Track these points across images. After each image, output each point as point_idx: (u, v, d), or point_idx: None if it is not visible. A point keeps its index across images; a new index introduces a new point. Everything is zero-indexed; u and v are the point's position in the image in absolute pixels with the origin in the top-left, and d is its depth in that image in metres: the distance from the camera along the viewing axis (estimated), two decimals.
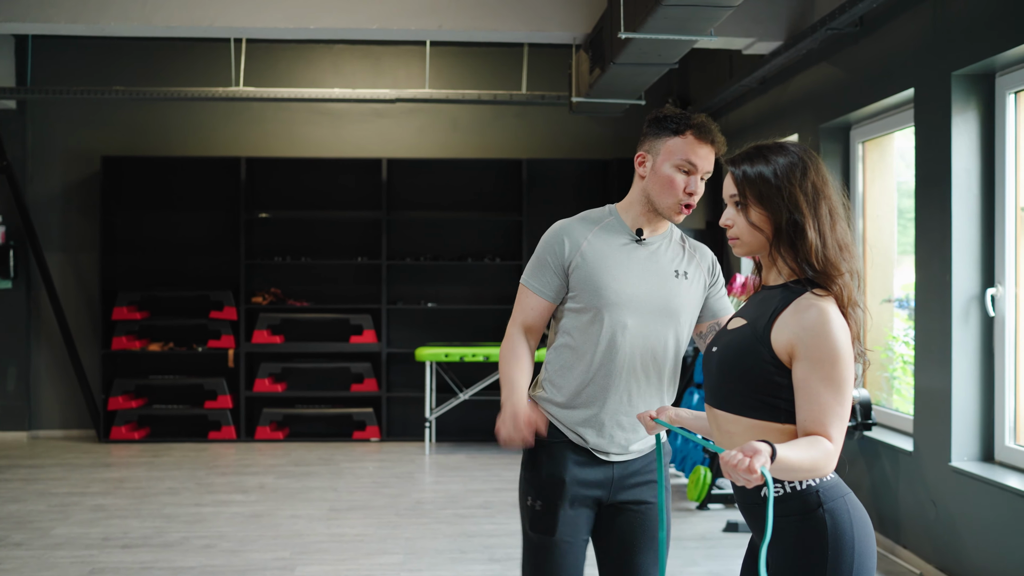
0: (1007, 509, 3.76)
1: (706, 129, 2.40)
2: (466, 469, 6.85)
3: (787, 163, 1.96)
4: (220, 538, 4.99)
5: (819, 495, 1.86)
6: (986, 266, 4.11)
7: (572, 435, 2.45)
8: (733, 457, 1.68)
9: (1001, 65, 4.00)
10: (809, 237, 1.92)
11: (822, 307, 1.87)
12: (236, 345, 7.84)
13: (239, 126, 8.14)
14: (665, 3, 3.70)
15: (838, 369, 1.84)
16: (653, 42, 4.35)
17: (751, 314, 1.97)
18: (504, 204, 8.25)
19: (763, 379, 1.88)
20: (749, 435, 1.89)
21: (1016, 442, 4.03)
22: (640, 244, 2.47)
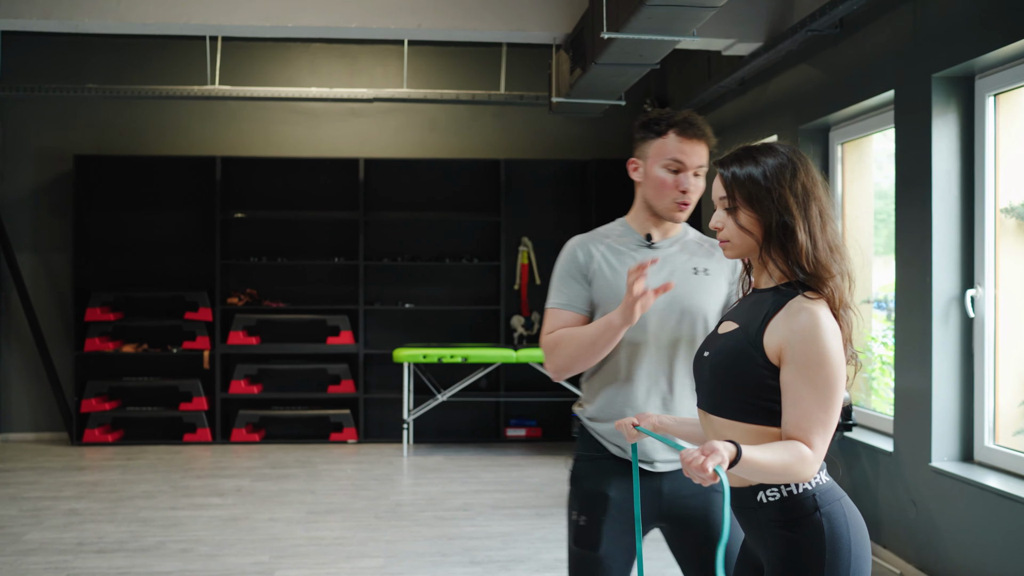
0: (986, 508, 3.78)
1: (688, 124, 2.39)
2: (444, 471, 6.81)
3: (776, 164, 1.94)
4: (197, 542, 4.92)
5: (816, 499, 1.85)
6: (966, 267, 4.14)
7: (613, 448, 2.39)
8: (689, 455, 1.67)
9: (980, 68, 4.02)
10: (800, 239, 1.90)
11: (813, 311, 1.85)
12: (211, 346, 7.76)
13: (214, 125, 8.06)
14: (649, 3, 3.68)
15: (824, 374, 1.82)
16: (635, 42, 4.34)
17: (743, 318, 1.96)
18: (482, 204, 8.22)
19: (757, 383, 1.87)
20: (745, 439, 1.87)
21: (995, 442, 4.06)
22: (652, 248, 2.46)
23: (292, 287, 8.09)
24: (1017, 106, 4.05)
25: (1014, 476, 3.86)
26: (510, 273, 8.20)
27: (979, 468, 4.03)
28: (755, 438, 1.87)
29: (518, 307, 8.22)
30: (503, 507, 5.70)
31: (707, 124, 2.43)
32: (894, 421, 4.48)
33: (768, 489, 1.87)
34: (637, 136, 2.46)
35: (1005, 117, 4.05)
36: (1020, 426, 4.04)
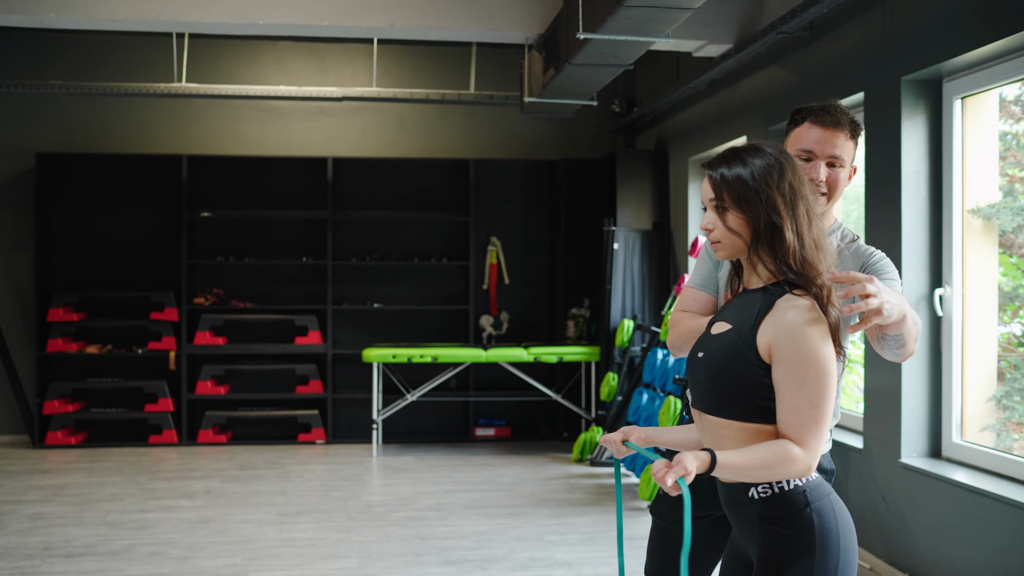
0: (954, 503, 3.85)
1: (822, 112, 2.33)
2: (415, 471, 6.80)
3: (764, 165, 1.97)
4: (168, 545, 4.87)
5: (806, 495, 1.88)
6: (934, 267, 4.21)
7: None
8: (655, 467, 1.77)
9: (948, 71, 4.09)
10: (787, 238, 1.93)
11: (801, 308, 1.88)
12: (177, 347, 7.68)
13: (180, 123, 7.97)
14: (626, 4, 3.70)
15: (813, 371, 1.84)
16: (611, 43, 4.35)
17: (735, 318, 1.98)
18: (451, 204, 8.21)
19: (752, 382, 1.89)
20: (741, 439, 1.90)
21: (963, 438, 4.13)
22: None
23: (260, 287, 8.02)
24: (983, 109, 4.13)
25: (981, 471, 3.93)
26: (479, 273, 8.20)
27: (947, 464, 4.10)
28: (750, 436, 1.90)
29: (487, 307, 8.22)
30: (475, 507, 5.70)
31: (848, 113, 2.35)
32: (864, 418, 4.55)
33: (759, 485, 1.90)
34: (785, 130, 2.45)
35: (972, 120, 4.13)
36: (987, 422, 4.12)
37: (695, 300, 2.44)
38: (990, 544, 3.62)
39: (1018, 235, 4.28)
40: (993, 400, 4.12)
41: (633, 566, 4.56)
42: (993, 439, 4.08)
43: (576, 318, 7.99)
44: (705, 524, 2.40)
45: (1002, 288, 4.24)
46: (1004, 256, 4.28)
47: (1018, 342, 4.37)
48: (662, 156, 7.46)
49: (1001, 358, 4.22)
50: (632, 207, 7.44)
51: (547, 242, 8.33)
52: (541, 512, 5.57)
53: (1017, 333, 4.36)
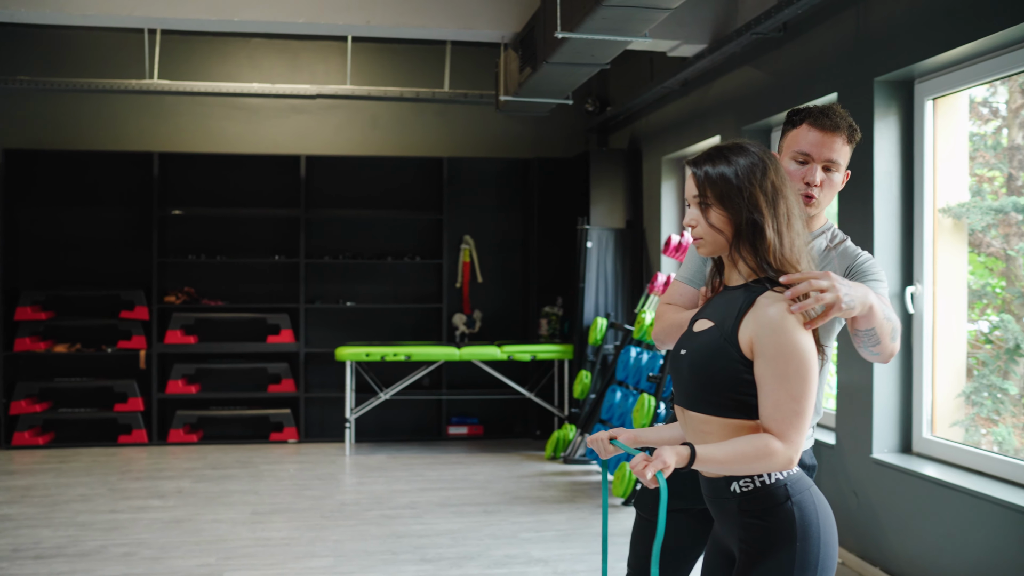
0: (924, 497, 3.91)
1: (821, 115, 2.31)
2: (388, 469, 6.78)
3: (748, 163, 1.99)
4: (140, 545, 4.83)
5: (787, 488, 1.90)
6: (906, 265, 4.27)
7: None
8: (634, 462, 1.81)
9: (920, 73, 4.15)
10: (768, 236, 1.95)
11: (781, 305, 1.90)
12: (148, 346, 7.61)
13: (151, 120, 7.90)
14: (605, 4, 3.72)
15: (794, 366, 1.87)
16: (588, 42, 4.37)
17: (717, 315, 2.00)
18: (424, 202, 8.20)
19: (735, 379, 1.91)
20: (724, 434, 1.92)
21: (933, 434, 4.20)
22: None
23: (231, 285, 7.97)
24: (954, 110, 4.20)
25: (950, 466, 4.00)
26: (452, 271, 8.20)
27: (918, 459, 4.16)
28: (733, 432, 1.92)
29: (460, 305, 8.22)
30: (450, 505, 5.70)
31: (848, 117, 2.34)
32: (836, 415, 4.60)
33: (741, 480, 1.92)
34: (782, 132, 2.44)
35: (942, 120, 4.19)
36: (956, 418, 4.19)
37: (681, 294, 2.46)
38: (959, 537, 3.68)
39: (986, 234, 4.35)
40: (962, 396, 4.19)
41: (598, 562, 4.58)
42: (962, 434, 4.15)
43: (549, 316, 8.02)
44: (687, 517, 2.43)
45: (971, 286, 4.31)
46: (972, 255, 4.35)
47: (985, 339, 4.45)
48: (635, 155, 7.50)
49: (969, 355, 4.29)
50: (605, 206, 7.47)
51: (520, 241, 8.35)
52: (516, 510, 5.58)
53: (984, 331, 4.43)
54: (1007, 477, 3.71)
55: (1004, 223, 4.23)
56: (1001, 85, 4.22)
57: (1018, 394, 4.07)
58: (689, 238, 6.13)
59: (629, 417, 6.05)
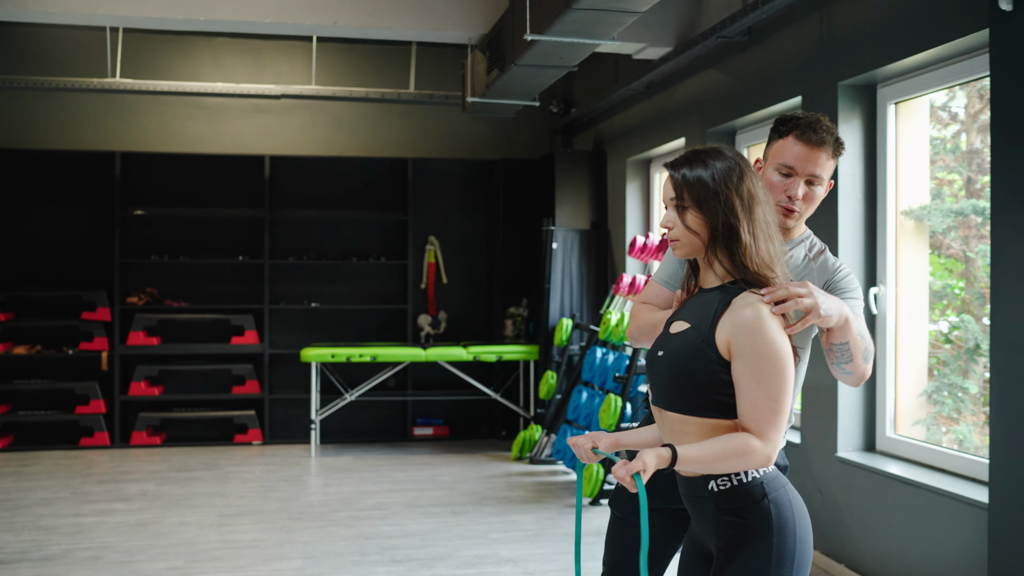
0: (887, 494, 3.99)
1: (808, 129, 2.30)
2: (355, 471, 6.77)
3: (724, 168, 2.02)
4: (106, 549, 4.78)
5: (763, 486, 1.94)
6: (869, 266, 4.35)
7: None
8: (617, 468, 1.85)
9: (882, 77, 4.23)
10: (744, 239, 1.99)
11: (757, 306, 1.94)
12: (110, 347, 7.52)
13: (113, 119, 7.81)
14: (575, 7, 3.75)
15: (771, 366, 1.91)
16: (557, 45, 4.40)
17: (693, 316, 2.03)
18: (389, 203, 8.19)
19: (712, 379, 1.94)
20: (702, 433, 1.96)
21: (896, 432, 4.28)
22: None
23: (195, 286, 7.90)
24: (915, 114, 4.29)
25: (913, 463, 4.08)
26: (417, 272, 8.19)
27: (881, 457, 4.24)
28: (711, 431, 1.95)
29: (425, 306, 8.22)
30: (417, 506, 5.70)
31: (834, 131, 2.33)
32: (801, 415, 4.67)
33: (718, 478, 1.95)
34: (768, 139, 2.42)
35: (905, 124, 4.28)
36: (918, 416, 4.28)
37: (657, 295, 2.47)
38: (922, 532, 3.76)
39: (946, 236, 4.45)
40: (924, 395, 4.27)
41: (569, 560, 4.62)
42: (924, 433, 4.23)
43: (514, 317, 8.04)
44: (663, 516, 2.46)
45: (932, 287, 4.40)
46: (933, 256, 4.44)
47: (945, 339, 4.54)
48: (600, 156, 7.55)
49: (930, 355, 4.38)
50: (571, 207, 7.51)
51: (485, 241, 8.36)
52: (484, 510, 5.60)
53: (944, 331, 4.53)
54: (968, 474, 3.79)
55: (964, 225, 4.33)
56: (960, 90, 4.32)
57: (978, 393, 4.16)
58: (655, 239, 6.18)
59: (596, 417, 6.09)
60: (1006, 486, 3.21)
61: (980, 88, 4.40)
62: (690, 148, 2.10)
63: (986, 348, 4.18)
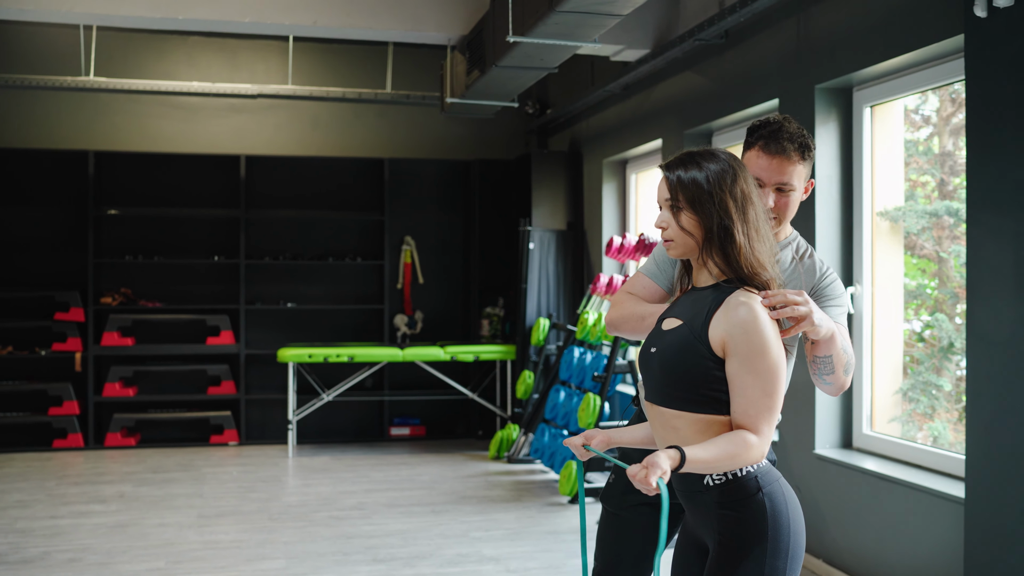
0: (864, 490, 4.07)
1: (771, 140, 2.34)
2: (333, 471, 6.76)
3: (719, 169, 2.06)
4: (85, 551, 4.75)
5: (758, 480, 1.99)
6: (846, 266, 4.42)
7: None
8: (634, 471, 1.85)
9: (858, 81, 4.31)
10: (738, 241, 2.03)
11: (751, 305, 1.99)
12: (83, 348, 7.46)
13: (86, 118, 7.74)
14: (558, 10, 3.79)
15: (766, 363, 1.96)
16: (538, 47, 4.44)
17: (686, 314, 2.07)
18: (365, 203, 8.19)
19: (704, 375, 1.99)
20: (694, 429, 2.00)
21: (872, 429, 4.36)
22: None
23: (170, 286, 7.85)
24: (890, 117, 4.37)
25: (889, 460, 4.16)
26: (393, 272, 8.20)
27: (858, 453, 4.32)
28: (703, 426, 1.99)
29: (401, 306, 8.23)
30: (397, 505, 5.72)
31: (797, 137, 2.34)
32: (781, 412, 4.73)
33: (715, 473, 2.00)
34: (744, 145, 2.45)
35: (880, 127, 4.36)
36: (894, 413, 4.36)
37: (644, 287, 2.49)
38: (899, 528, 3.84)
39: (920, 237, 4.54)
40: (899, 393, 4.36)
41: (558, 559, 4.66)
42: (900, 429, 4.32)
43: (490, 317, 8.07)
44: (649, 509, 2.50)
45: (906, 287, 4.49)
46: (907, 257, 4.53)
47: (919, 337, 4.63)
48: (576, 157, 7.60)
49: (904, 353, 4.46)
50: (547, 207, 7.55)
51: (461, 242, 8.38)
52: (464, 509, 5.62)
53: (916, 330, 4.62)
54: (943, 470, 3.87)
55: (938, 226, 4.42)
56: (932, 94, 4.40)
57: (952, 390, 4.25)
58: (632, 240, 6.24)
59: (574, 416, 6.13)
60: (982, 481, 3.29)
61: (952, 92, 4.49)
62: (684, 150, 2.14)
63: (960, 347, 4.28)
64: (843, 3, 4.17)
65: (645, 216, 6.95)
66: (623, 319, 2.43)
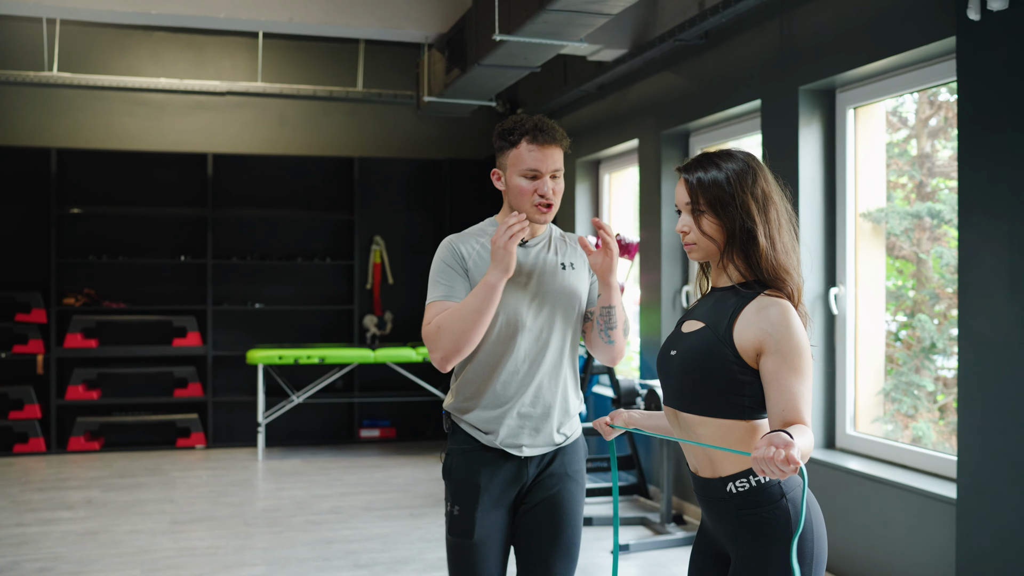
0: (848, 490, 4.08)
1: (538, 132, 2.45)
2: (305, 474, 6.67)
3: (738, 169, 2.03)
4: (56, 559, 4.62)
5: (781, 486, 1.95)
6: (829, 267, 4.44)
7: (484, 437, 2.48)
8: (768, 451, 1.69)
9: (842, 83, 4.33)
10: (760, 243, 1.99)
11: (783, 304, 1.96)
12: (45, 350, 7.27)
13: (49, 114, 7.55)
14: (549, 8, 3.75)
15: (803, 360, 1.93)
16: (523, 45, 4.39)
17: (708, 316, 2.03)
18: (335, 203, 8.09)
19: (728, 379, 1.95)
20: (717, 435, 1.96)
21: (855, 429, 4.38)
22: (524, 247, 2.51)
23: (134, 287, 7.69)
24: (873, 119, 4.39)
25: (872, 459, 4.18)
26: (363, 272, 8.11)
27: (841, 454, 4.34)
28: (725, 432, 1.96)
29: (371, 307, 8.14)
30: (374, 509, 5.65)
31: (557, 127, 2.49)
32: None
33: (738, 480, 1.96)
34: (496, 147, 2.52)
35: (863, 129, 4.38)
36: (877, 414, 4.38)
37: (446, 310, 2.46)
38: (884, 527, 3.86)
39: (901, 238, 4.57)
40: (882, 393, 4.38)
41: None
42: (883, 429, 4.34)
43: None
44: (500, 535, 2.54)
45: (888, 288, 4.52)
46: (887, 258, 4.56)
47: (895, 337, 4.67)
48: None
49: (886, 354, 4.49)
50: None
51: (431, 242, 8.31)
52: (442, 512, 5.57)
53: (893, 330, 4.66)
54: (926, 469, 3.90)
55: (919, 227, 4.45)
56: (909, 96, 4.44)
57: (934, 391, 4.29)
58: None
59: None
60: (974, 481, 3.31)
61: (931, 94, 4.54)
62: (700, 153, 2.11)
63: (941, 347, 4.31)
64: (828, 5, 4.19)
65: (619, 216, 6.95)
66: (457, 335, 2.37)
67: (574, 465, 2.54)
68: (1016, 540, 3.15)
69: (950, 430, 4.33)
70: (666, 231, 5.70)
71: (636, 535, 5.03)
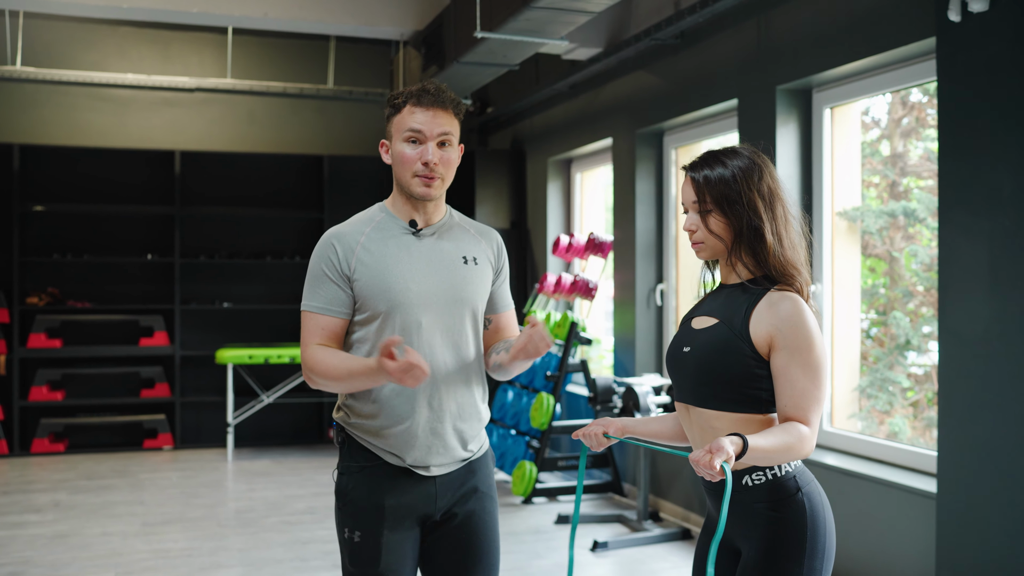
0: (827, 486, 4.10)
1: (423, 93, 2.24)
2: (276, 475, 6.60)
3: (744, 167, 2.03)
4: (27, 564, 4.53)
5: (796, 480, 1.97)
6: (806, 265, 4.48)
7: (387, 455, 2.21)
8: (699, 456, 1.77)
9: (818, 83, 4.37)
10: (768, 240, 2.00)
11: (794, 299, 1.97)
12: (8, 351, 7.13)
13: (11, 109, 7.41)
14: (533, 5, 3.74)
15: (814, 355, 1.94)
16: (504, 43, 4.39)
17: (720, 312, 2.03)
18: (304, 201, 8.02)
19: (745, 373, 1.96)
20: (734, 429, 1.96)
21: (832, 426, 4.43)
22: (417, 236, 2.27)
23: (100, 286, 7.56)
24: (849, 119, 4.45)
25: (849, 455, 4.23)
26: None
27: (819, 449, 4.38)
28: (744, 426, 1.97)
29: None
30: None
31: (449, 90, 2.29)
32: None
33: (754, 473, 1.97)
34: (385, 117, 2.32)
35: (839, 128, 4.43)
36: (853, 410, 4.44)
37: (324, 328, 2.21)
38: (863, 521, 3.91)
39: (876, 237, 4.63)
40: (858, 390, 4.44)
41: (521, 560, 4.62)
42: (859, 426, 4.40)
43: None
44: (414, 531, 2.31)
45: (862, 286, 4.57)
46: (861, 256, 4.62)
47: (866, 335, 4.73)
48: (519, 155, 7.57)
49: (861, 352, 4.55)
50: (490, 206, 7.50)
51: None
52: None
53: (864, 327, 4.72)
54: (904, 464, 3.96)
55: (894, 226, 4.52)
56: (882, 97, 4.50)
57: (908, 387, 4.35)
58: (580, 239, 6.24)
59: (526, 416, 6.10)
60: (954, 476, 3.36)
61: (903, 95, 4.60)
62: (706, 151, 2.12)
63: (915, 344, 4.38)
64: (806, 5, 4.23)
65: (591, 215, 6.96)
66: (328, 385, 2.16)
67: (486, 480, 2.31)
68: (995, 533, 3.20)
69: (924, 425, 4.40)
70: (640, 229, 5.73)
71: (613, 532, 5.05)
